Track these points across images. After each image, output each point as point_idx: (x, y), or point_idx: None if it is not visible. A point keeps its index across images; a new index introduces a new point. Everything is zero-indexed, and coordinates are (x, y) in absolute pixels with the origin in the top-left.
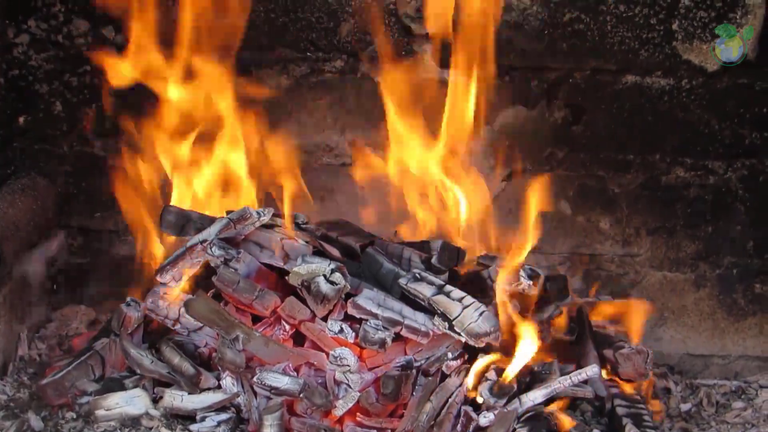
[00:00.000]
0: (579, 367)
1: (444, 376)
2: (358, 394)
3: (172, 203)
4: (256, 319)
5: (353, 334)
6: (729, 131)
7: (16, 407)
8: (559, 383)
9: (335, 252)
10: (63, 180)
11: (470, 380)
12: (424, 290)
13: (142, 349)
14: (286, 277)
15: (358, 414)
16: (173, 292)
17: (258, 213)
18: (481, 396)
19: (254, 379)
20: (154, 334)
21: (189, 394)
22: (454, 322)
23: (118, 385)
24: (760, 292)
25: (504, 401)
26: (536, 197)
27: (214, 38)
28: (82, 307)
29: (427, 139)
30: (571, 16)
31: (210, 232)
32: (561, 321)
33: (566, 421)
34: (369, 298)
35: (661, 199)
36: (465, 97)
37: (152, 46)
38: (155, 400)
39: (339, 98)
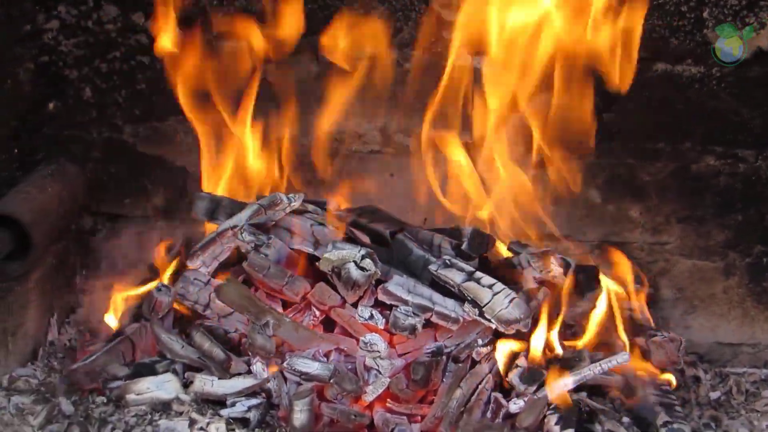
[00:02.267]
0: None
1: (474, 363)
2: (388, 380)
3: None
4: (287, 304)
5: (383, 320)
6: (759, 120)
7: (46, 391)
8: (590, 370)
9: (365, 238)
10: (92, 166)
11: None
12: (455, 276)
13: (172, 334)
14: (317, 263)
15: (387, 400)
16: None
17: (288, 198)
18: (512, 383)
19: (284, 364)
20: (185, 320)
21: (219, 379)
22: (484, 309)
23: (148, 370)
24: None
25: (534, 388)
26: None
27: None
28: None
29: (456, 125)
30: None
31: (241, 218)
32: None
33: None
34: (399, 285)
35: (691, 187)
36: (495, 83)
37: None
38: (186, 385)
39: (368, 85)
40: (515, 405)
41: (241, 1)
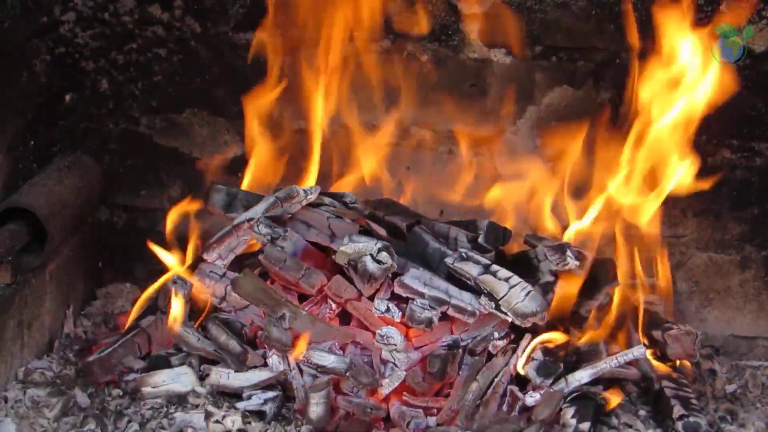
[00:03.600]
0: (625, 347)
1: (490, 356)
2: (405, 373)
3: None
4: (303, 297)
5: (400, 313)
6: None
7: (62, 384)
8: (606, 363)
9: (382, 231)
10: (108, 158)
11: (519, 359)
12: (471, 270)
13: (188, 326)
14: (333, 256)
15: (404, 393)
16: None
17: (305, 191)
18: (528, 375)
19: (301, 357)
20: (201, 312)
21: (235, 371)
22: (500, 302)
23: (164, 363)
24: None
25: (550, 381)
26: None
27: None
28: (127, 285)
29: (472, 118)
30: None
31: (257, 210)
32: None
33: (614, 400)
34: (415, 278)
35: (708, 180)
36: (512, 77)
37: None
38: (202, 378)
39: (385, 77)
40: (531, 398)
41: None
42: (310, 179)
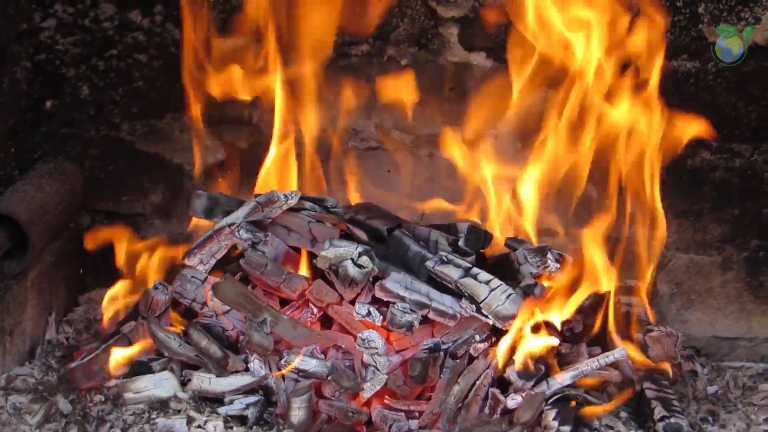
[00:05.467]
0: (605, 349)
1: (471, 359)
2: (386, 376)
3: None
4: (284, 302)
5: (381, 317)
6: (755, 114)
7: (44, 390)
8: (587, 365)
9: (363, 235)
10: (90, 164)
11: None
12: (452, 273)
13: (169, 332)
14: (314, 261)
15: (385, 396)
16: None
17: (285, 196)
18: (510, 378)
19: (282, 361)
20: (182, 318)
21: (217, 376)
22: (481, 305)
23: (146, 368)
24: None
25: (532, 383)
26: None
27: None
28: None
29: (453, 122)
30: None
31: (238, 215)
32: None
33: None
34: (396, 281)
35: (688, 182)
36: (492, 80)
37: None
38: (183, 383)
39: (365, 82)
40: (513, 400)
41: None
42: (292, 184)
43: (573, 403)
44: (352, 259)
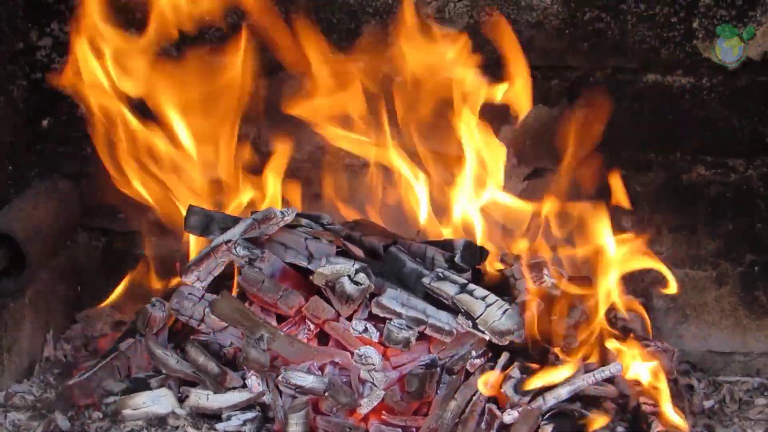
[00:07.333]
0: (602, 364)
1: (468, 374)
2: (383, 392)
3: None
4: (281, 318)
5: (377, 333)
6: (749, 129)
7: (42, 407)
8: (583, 380)
9: (359, 252)
10: (86, 182)
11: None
12: (448, 289)
13: (167, 349)
14: (311, 277)
15: (383, 412)
16: None
17: (282, 213)
18: (505, 393)
19: (279, 378)
20: (179, 334)
21: (214, 393)
22: (477, 321)
23: (143, 385)
24: None
25: (528, 398)
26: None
27: None
28: (106, 308)
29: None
30: (591, 15)
31: (234, 232)
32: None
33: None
34: (393, 298)
35: (683, 197)
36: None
37: None
38: (181, 400)
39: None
40: (509, 416)
41: None
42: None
43: (571, 417)
44: (349, 276)
